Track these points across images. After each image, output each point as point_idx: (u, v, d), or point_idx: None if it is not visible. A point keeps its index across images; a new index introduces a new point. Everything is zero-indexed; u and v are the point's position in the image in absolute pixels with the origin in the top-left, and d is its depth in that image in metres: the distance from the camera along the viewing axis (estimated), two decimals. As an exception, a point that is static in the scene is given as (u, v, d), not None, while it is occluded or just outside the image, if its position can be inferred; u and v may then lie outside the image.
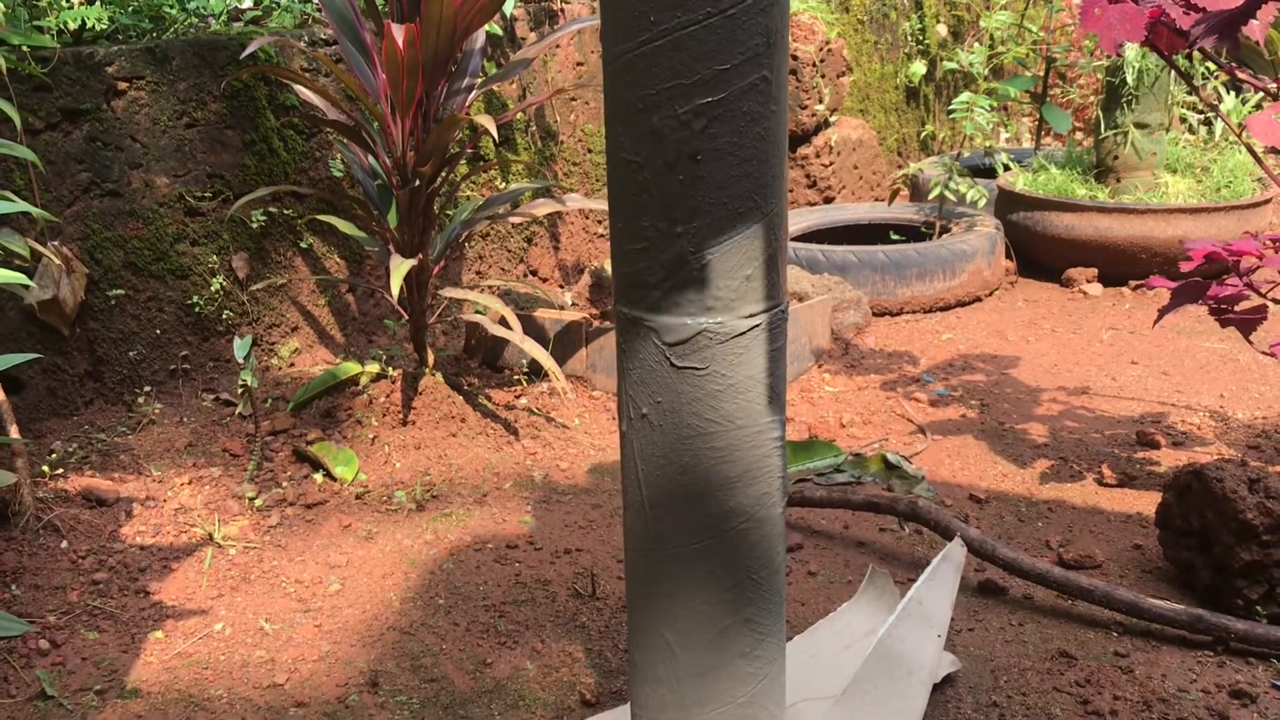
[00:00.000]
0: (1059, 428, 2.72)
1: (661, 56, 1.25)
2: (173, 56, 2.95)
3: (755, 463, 1.38)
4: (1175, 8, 2.04)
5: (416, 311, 2.78)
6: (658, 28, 1.23)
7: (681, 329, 1.31)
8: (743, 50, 1.24)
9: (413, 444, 2.66)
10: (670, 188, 1.28)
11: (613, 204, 1.36)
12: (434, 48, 2.34)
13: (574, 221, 4.09)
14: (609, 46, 1.30)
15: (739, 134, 1.27)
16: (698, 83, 1.24)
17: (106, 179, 2.85)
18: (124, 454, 2.63)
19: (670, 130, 1.26)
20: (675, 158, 1.27)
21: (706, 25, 1.22)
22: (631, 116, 1.29)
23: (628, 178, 1.32)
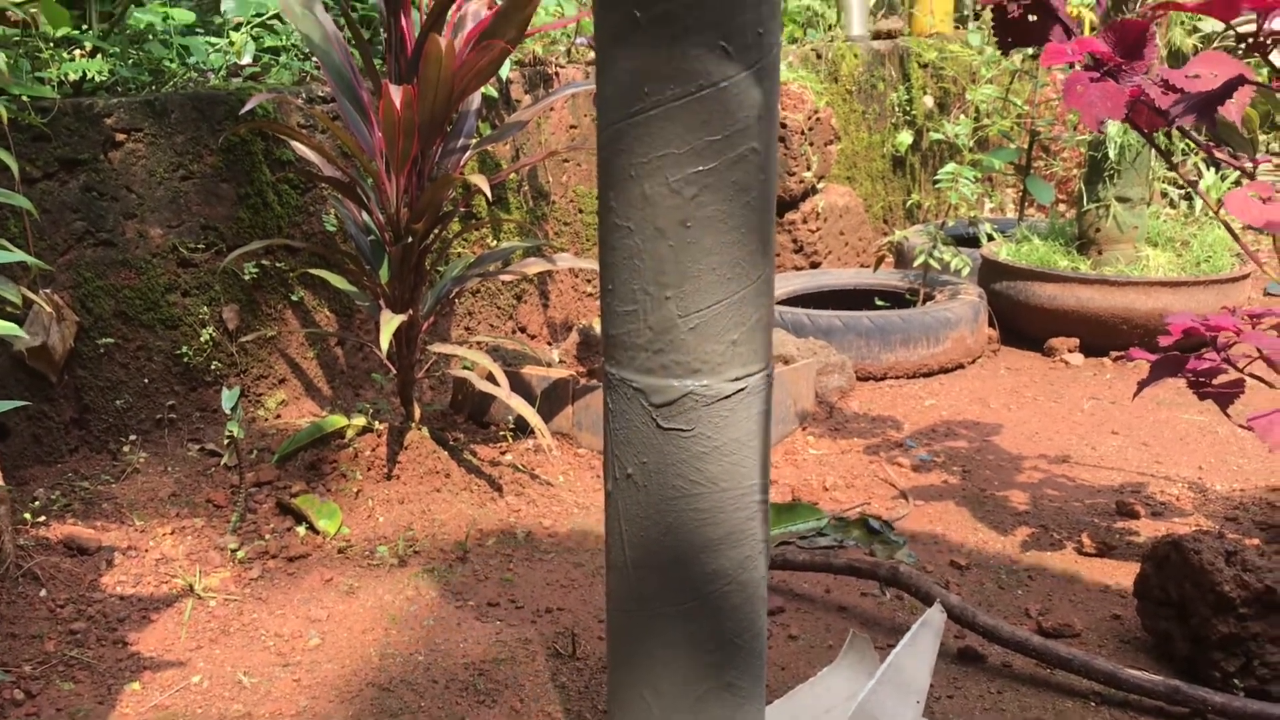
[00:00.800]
0: (1040, 496, 2.74)
1: (655, 126, 1.28)
2: (171, 109, 2.99)
3: (739, 525, 1.40)
4: (1154, 88, 2.09)
5: (405, 366, 2.80)
6: (651, 99, 1.27)
7: (668, 390, 1.33)
8: (733, 122, 1.28)
9: (396, 498, 2.66)
10: (660, 253, 1.31)
11: (604, 267, 1.39)
12: (430, 109, 2.38)
13: (563, 280, 4.13)
14: (604, 115, 1.33)
15: (728, 202, 1.30)
16: (689, 152, 1.28)
17: (101, 228, 2.88)
18: (107, 503, 2.62)
19: (662, 197, 1.29)
20: (666, 224, 1.30)
21: (699, 98, 1.26)
22: (624, 183, 1.32)
23: (619, 242, 1.35)
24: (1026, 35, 2.22)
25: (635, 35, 1.26)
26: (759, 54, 1.27)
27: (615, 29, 1.28)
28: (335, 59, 2.59)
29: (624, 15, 1.26)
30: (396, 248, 2.63)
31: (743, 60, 1.26)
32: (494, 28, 2.37)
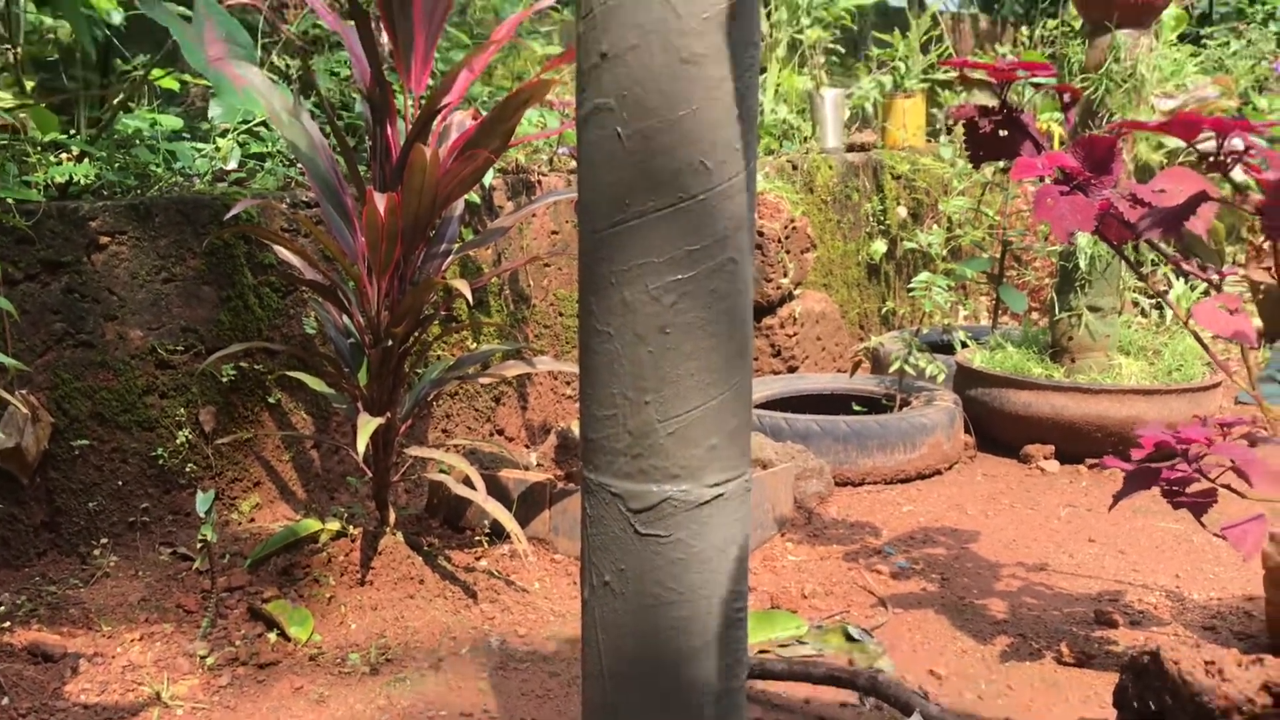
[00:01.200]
0: (1018, 604, 2.73)
1: (635, 236, 1.31)
2: (156, 213, 3.02)
3: (717, 635, 1.39)
4: (1123, 202, 2.15)
5: (381, 469, 2.79)
6: (632, 210, 1.30)
7: (647, 496, 1.34)
8: (711, 233, 1.31)
9: (370, 605, 2.63)
10: (640, 358, 1.33)
11: (584, 371, 1.40)
12: (414, 215, 2.42)
13: (542, 382, 4.14)
14: (585, 223, 1.36)
15: (707, 310, 1.32)
16: (668, 261, 1.30)
17: (81, 330, 2.88)
18: (75, 607, 2.58)
19: (642, 304, 1.32)
20: (645, 330, 1.32)
21: (678, 210, 1.29)
22: (605, 289, 1.34)
23: (599, 347, 1.36)
24: (998, 150, 2.29)
25: (617, 149, 1.29)
26: (736, 169, 1.31)
27: (597, 143, 1.31)
28: (321, 166, 2.64)
29: (606, 131, 1.30)
30: (376, 350, 2.64)
31: (720, 175, 1.30)
32: (478, 138, 2.43)
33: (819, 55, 6.09)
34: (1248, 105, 6.83)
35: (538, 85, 2.37)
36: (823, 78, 6.02)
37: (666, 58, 1.26)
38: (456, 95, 2.62)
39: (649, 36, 1.26)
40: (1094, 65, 3.89)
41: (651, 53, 1.26)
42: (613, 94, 1.29)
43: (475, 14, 4.66)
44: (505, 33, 2.73)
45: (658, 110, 1.27)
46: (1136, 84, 3.86)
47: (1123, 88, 3.85)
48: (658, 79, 1.27)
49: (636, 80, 1.27)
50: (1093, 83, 3.87)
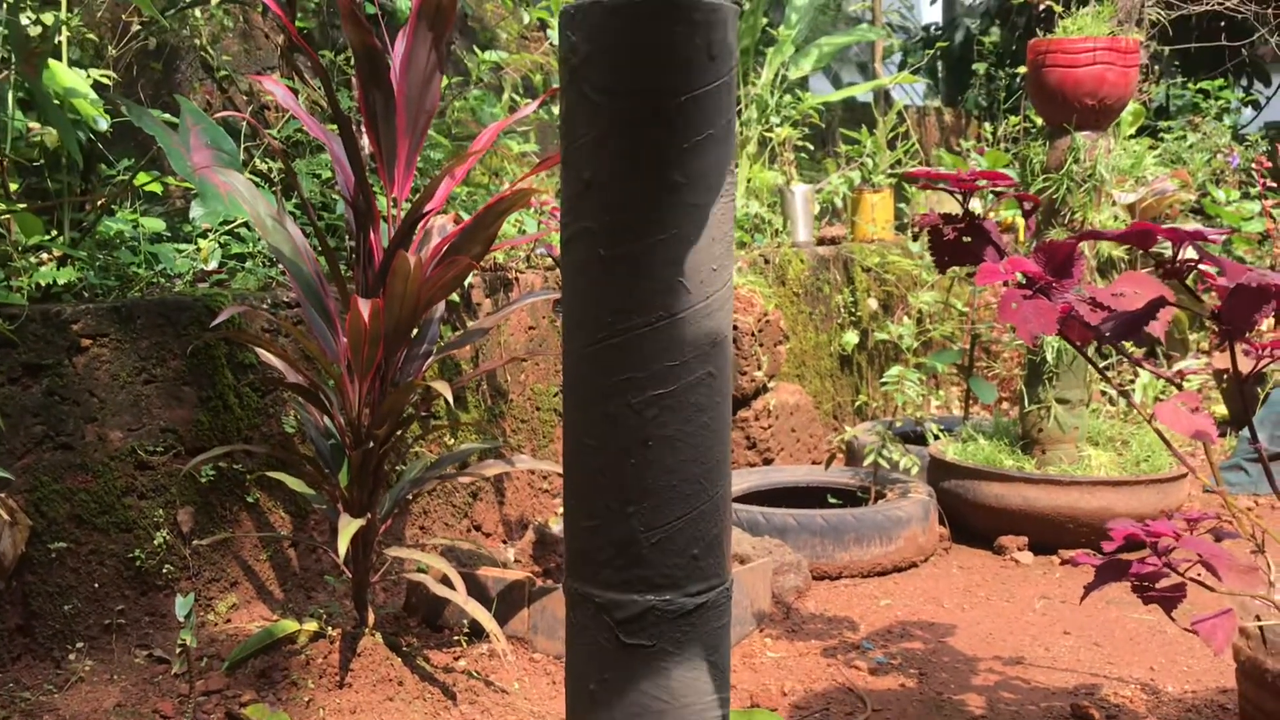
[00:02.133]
0: (996, 699, 2.75)
1: (617, 352, 1.36)
2: (137, 315, 3.05)
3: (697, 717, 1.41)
4: (1084, 305, 2.22)
5: (360, 570, 2.79)
6: (614, 327, 1.35)
7: (630, 606, 1.37)
8: (691, 349, 1.36)
9: (348, 708, 2.61)
10: (623, 470, 1.37)
11: (568, 483, 1.44)
12: (396, 320, 2.47)
13: (520, 478, 4.16)
14: (570, 341, 1.41)
15: (687, 422, 1.37)
16: (650, 376, 1.35)
17: (61, 432, 2.89)
18: (48, 714, 2.55)
19: (623, 417, 1.36)
20: (628, 443, 1.36)
21: (658, 327, 1.34)
22: (589, 403, 1.39)
23: (583, 459, 1.40)
24: (961, 256, 2.37)
25: (600, 270, 1.35)
26: (714, 288, 1.37)
27: (582, 263, 1.37)
28: (304, 270, 2.69)
29: (590, 253, 1.35)
30: (357, 452, 2.66)
31: (699, 294, 1.35)
32: (459, 244, 2.49)
33: (788, 151, 6.24)
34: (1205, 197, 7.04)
35: (517, 195, 2.44)
36: (793, 173, 6.17)
37: (648, 185, 1.32)
38: (439, 202, 2.69)
39: (632, 165, 1.32)
40: (1055, 165, 4.03)
41: (633, 180, 1.33)
42: (596, 218, 1.35)
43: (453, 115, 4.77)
44: (486, 141, 2.81)
45: (640, 234, 1.33)
46: (1097, 183, 3.99)
47: (1083, 187, 3.97)
48: (639, 205, 1.33)
49: (619, 205, 1.33)
50: (1054, 182, 4.00)
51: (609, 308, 1.35)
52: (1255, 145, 7.87)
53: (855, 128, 6.69)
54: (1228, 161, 7.66)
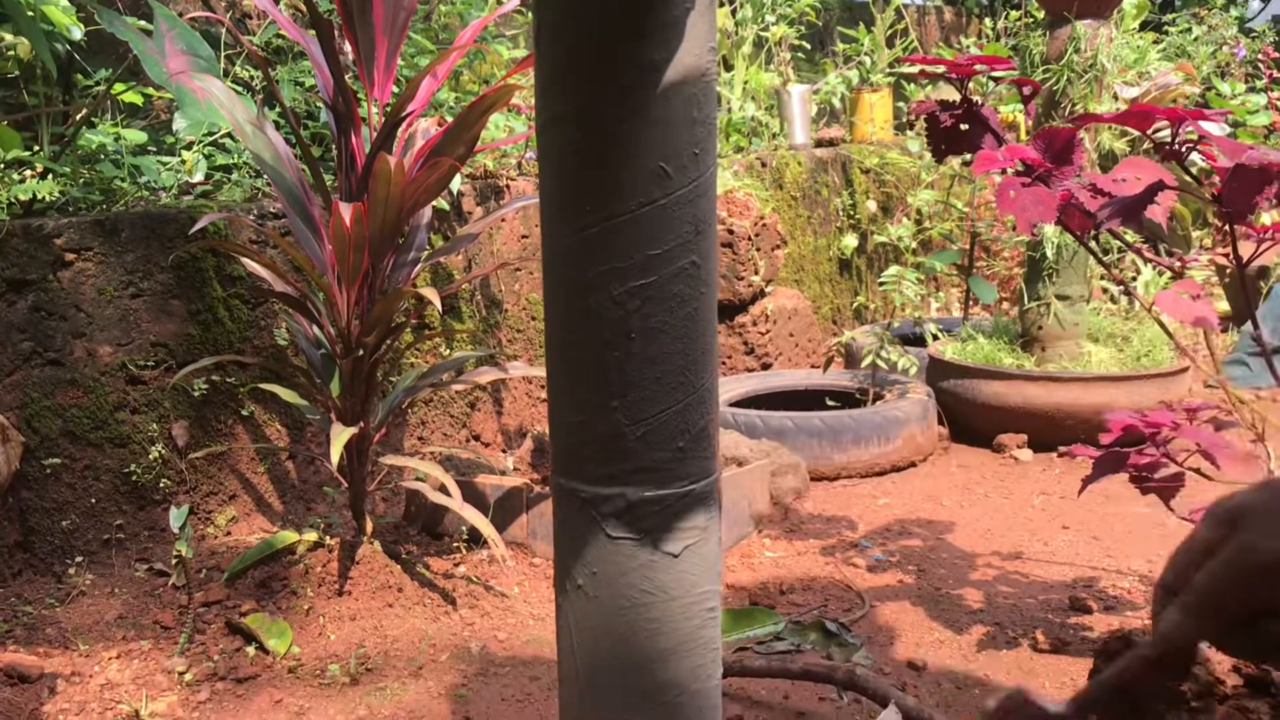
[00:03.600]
0: (994, 593, 2.76)
1: (597, 243, 1.31)
2: (122, 228, 3.01)
3: (690, 634, 1.40)
4: (1084, 192, 2.17)
5: (356, 479, 2.78)
6: (593, 216, 1.30)
7: (617, 500, 1.34)
8: (673, 237, 1.31)
9: (348, 615, 2.62)
10: (606, 363, 1.33)
11: (551, 379, 1.41)
12: (381, 224, 2.42)
13: (517, 387, 4.14)
14: (548, 232, 1.37)
15: (670, 314, 1.33)
16: (631, 267, 1.31)
17: (49, 348, 2.87)
18: (51, 627, 2.56)
19: (605, 310, 1.32)
20: (611, 336, 1.33)
21: (639, 215, 1.29)
22: (569, 297, 1.35)
23: (565, 354, 1.37)
24: (959, 143, 2.31)
25: (576, 158, 1.30)
26: (696, 173, 1.32)
27: (557, 151, 1.32)
28: (287, 177, 2.63)
29: (564, 140, 1.30)
30: (347, 361, 2.64)
31: (680, 179, 1.30)
32: (443, 145, 2.43)
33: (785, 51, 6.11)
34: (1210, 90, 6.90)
35: (501, 90, 2.37)
36: (789, 74, 6.04)
37: (625, 66, 1.27)
38: (420, 103, 2.62)
39: (606, 44, 1.26)
40: (1055, 56, 3.93)
41: (610, 61, 1.27)
42: (570, 102, 1.29)
43: (440, 20, 4.65)
44: (469, 38, 2.73)
45: (617, 117, 1.27)
46: (1098, 74, 3.89)
47: (1084, 78, 3.88)
48: (615, 86, 1.27)
49: (594, 88, 1.28)
50: (1054, 74, 3.90)
51: (587, 197, 1.30)
52: (1262, 37, 7.71)
53: (853, 26, 6.54)
54: (1234, 54, 7.50)
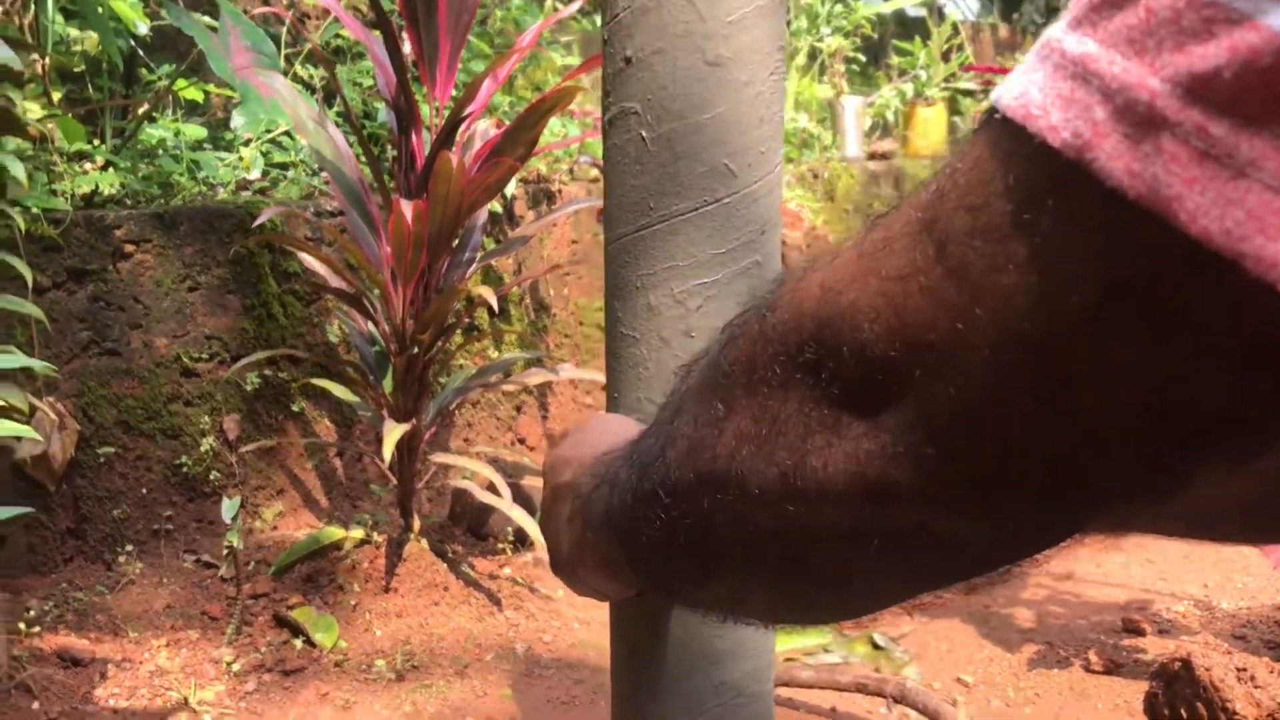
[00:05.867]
0: (1045, 613, 2.71)
1: (660, 240, 1.31)
2: (181, 222, 3.04)
3: (747, 637, 1.38)
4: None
5: (405, 476, 2.79)
6: (656, 213, 1.29)
7: (673, 501, 1.33)
8: (737, 237, 1.30)
9: (394, 611, 2.63)
10: (664, 362, 1.32)
11: (609, 376, 1.40)
12: (439, 223, 2.43)
13: (563, 391, 4.14)
14: (610, 228, 1.36)
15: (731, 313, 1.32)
16: (693, 265, 1.30)
17: (106, 338, 2.90)
18: (101, 614, 2.59)
19: (666, 308, 1.31)
20: (670, 334, 1.31)
21: (703, 213, 1.28)
22: (629, 294, 1.34)
23: (624, 351, 1.36)
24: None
25: (642, 154, 1.29)
26: (761, 172, 1.31)
27: (622, 147, 1.31)
28: (347, 174, 2.65)
29: (631, 135, 1.30)
30: (401, 358, 2.65)
31: (746, 178, 1.29)
32: (503, 145, 2.43)
33: (839, 64, 6.09)
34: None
35: (561, 93, 2.38)
36: (843, 86, 6.01)
37: (691, 61, 1.26)
38: (480, 104, 2.63)
39: (674, 41, 1.26)
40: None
41: (676, 56, 1.26)
42: (638, 98, 1.29)
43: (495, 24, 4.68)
44: (529, 40, 2.74)
45: (683, 114, 1.26)
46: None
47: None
48: (682, 83, 1.26)
49: (661, 84, 1.27)
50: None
51: (651, 193, 1.29)
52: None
53: (908, 40, 6.50)
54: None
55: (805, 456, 0.39)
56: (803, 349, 0.40)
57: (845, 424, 0.38)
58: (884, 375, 0.36)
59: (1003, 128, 0.32)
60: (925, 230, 0.35)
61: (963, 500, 0.36)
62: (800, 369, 0.40)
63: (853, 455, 0.37)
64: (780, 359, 0.41)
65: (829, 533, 0.41)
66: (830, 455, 0.38)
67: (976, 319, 0.33)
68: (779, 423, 0.41)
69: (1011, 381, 0.32)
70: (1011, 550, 0.40)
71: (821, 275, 0.40)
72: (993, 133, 0.33)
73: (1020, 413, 0.33)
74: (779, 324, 0.42)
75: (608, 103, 1.34)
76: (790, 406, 0.40)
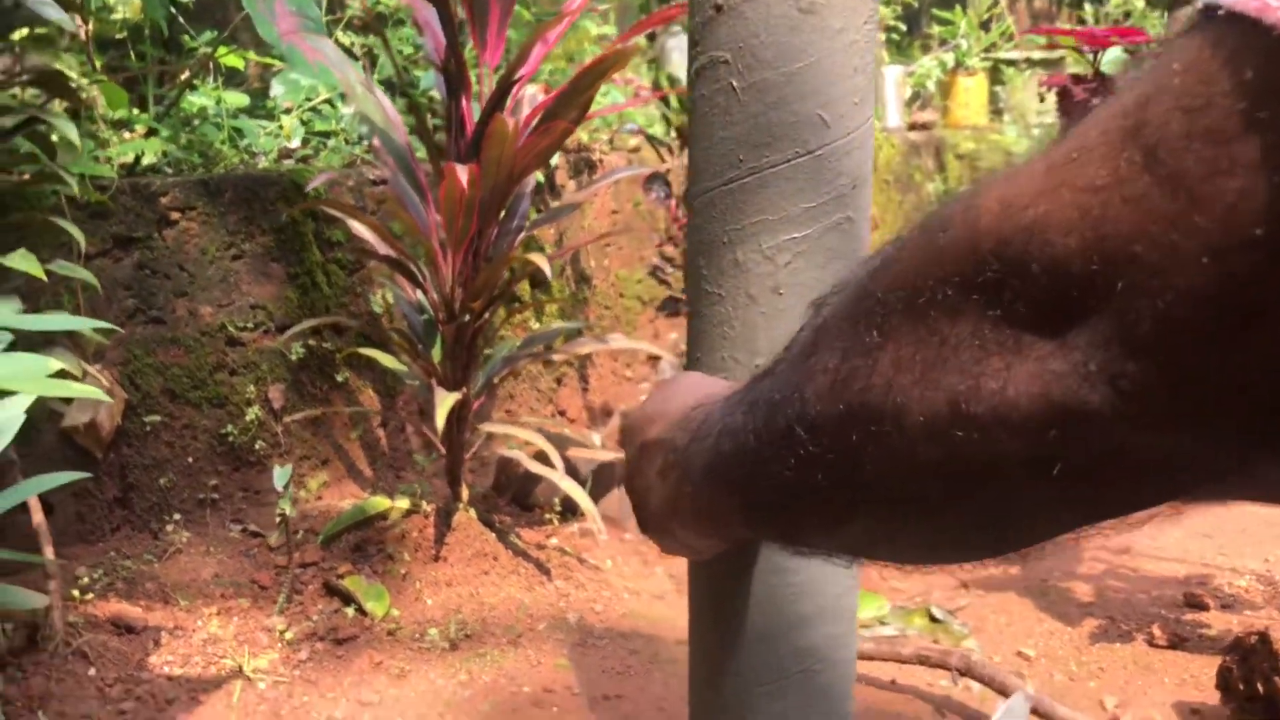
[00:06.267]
0: (1104, 587, 2.67)
1: (749, 193, 1.26)
2: (225, 190, 3.02)
3: (831, 601, 1.34)
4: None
5: (454, 446, 2.77)
6: (746, 165, 1.25)
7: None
8: (829, 190, 1.26)
9: (444, 581, 2.61)
10: (752, 320, 1.28)
11: (691, 336, 1.36)
12: (492, 187, 2.39)
13: (603, 364, 4.11)
14: (696, 182, 1.32)
15: (821, 269, 1.27)
16: (783, 219, 1.26)
17: (152, 306, 2.88)
18: (150, 582, 2.58)
19: (754, 264, 1.27)
20: (758, 291, 1.27)
21: (794, 165, 1.24)
22: (715, 250, 1.30)
23: (708, 309, 1.32)
24: (1090, 118, 2.22)
25: (732, 104, 1.25)
26: (854, 123, 1.26)
27: (711, 98, 1.27)
28: (395, 139, 2.62)
29: (720, 85, 1.25)
30: (450, 326, 2.62)
31: (839, 129, 1.25)
32: (556, 109, 2.39)
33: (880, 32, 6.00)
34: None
35: (617, 54, 2.33)
36: (883, 55, 5.94)
37: (784, 8, 1.21)
38: (531, 67, 2.59)
39: (766, -15, 1.21)
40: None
41: (769, 4, 1.22)
42: (728, 47, 1.24)
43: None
44: (579, 4, 2.69)
45: (775, 63, 1.22)
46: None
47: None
48: (775, 30, 1.22)
49: (753, 32, 1.23)
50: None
51: (741, 144, 1.25)
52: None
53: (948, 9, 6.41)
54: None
55: (980, 381, 0.38)
56: (981, 268, 0.38)
57: (1028, 345, 0.37)
58: (1078, 291, 0.34)
59: (1229, 25, 0.31)
60: (1129, 138, 0.33)
61: (1167, 418, 0.34)
62: (977, 289, 0.38)
63: (1037, 377, 0.36)
64: (954, 280, 0.39)
65: (1003, 461, 0.39)
66: (1010, 379, 0.37)
67: (1194, 227, 0.31)
68: (948, 347, 0.39)
69: (1232, 290, 0.31)
70: (1209, 475, 0.37)
71: (1000, 191, 0.38)
72: (1215, 31, 0.32)
73: (1237, 322, 0.31)
74: (952, 244, 0.40)
75: (695, 52, 1.30)
76: (962, 329, 0.39)
